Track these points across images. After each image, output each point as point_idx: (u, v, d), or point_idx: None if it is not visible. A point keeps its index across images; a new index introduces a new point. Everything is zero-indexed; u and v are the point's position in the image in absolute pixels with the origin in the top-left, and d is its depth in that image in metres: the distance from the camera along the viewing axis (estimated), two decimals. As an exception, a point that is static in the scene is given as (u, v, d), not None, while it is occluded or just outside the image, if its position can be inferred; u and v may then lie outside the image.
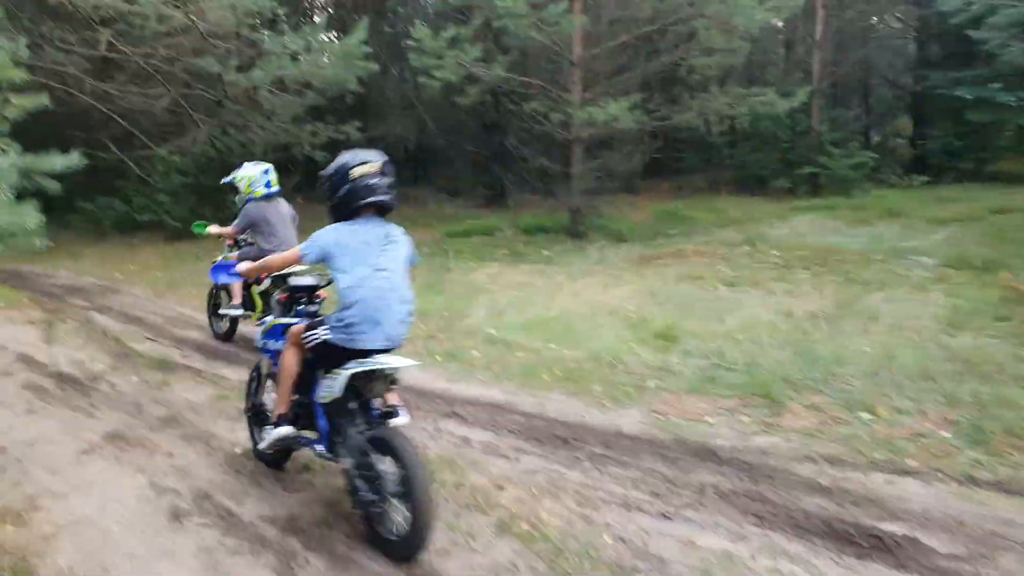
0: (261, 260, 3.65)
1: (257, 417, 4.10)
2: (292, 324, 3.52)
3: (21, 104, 4.01)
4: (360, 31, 10.73)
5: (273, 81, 11.29)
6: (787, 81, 18.47)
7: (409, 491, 2.88)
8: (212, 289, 6.90)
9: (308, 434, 3.57)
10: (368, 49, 10.99)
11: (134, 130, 13.34)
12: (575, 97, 11.69)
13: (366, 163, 3.22)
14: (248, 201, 6.12)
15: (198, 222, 6.76)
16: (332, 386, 3.22)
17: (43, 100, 4.20)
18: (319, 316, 3.51)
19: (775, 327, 6.56)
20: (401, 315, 3.26)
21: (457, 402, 5.19)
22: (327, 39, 11.31)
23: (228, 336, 6.81)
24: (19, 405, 5.26)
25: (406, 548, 2.95)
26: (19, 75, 3.75)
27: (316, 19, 19.23)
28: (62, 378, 5.88)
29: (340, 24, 15.11)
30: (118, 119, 13.00)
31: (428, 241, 12.45)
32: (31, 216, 2.88)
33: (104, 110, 12.85)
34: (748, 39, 11.71)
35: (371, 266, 3.17)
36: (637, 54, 14.11)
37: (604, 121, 10.58)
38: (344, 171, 3.22)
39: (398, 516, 2.96)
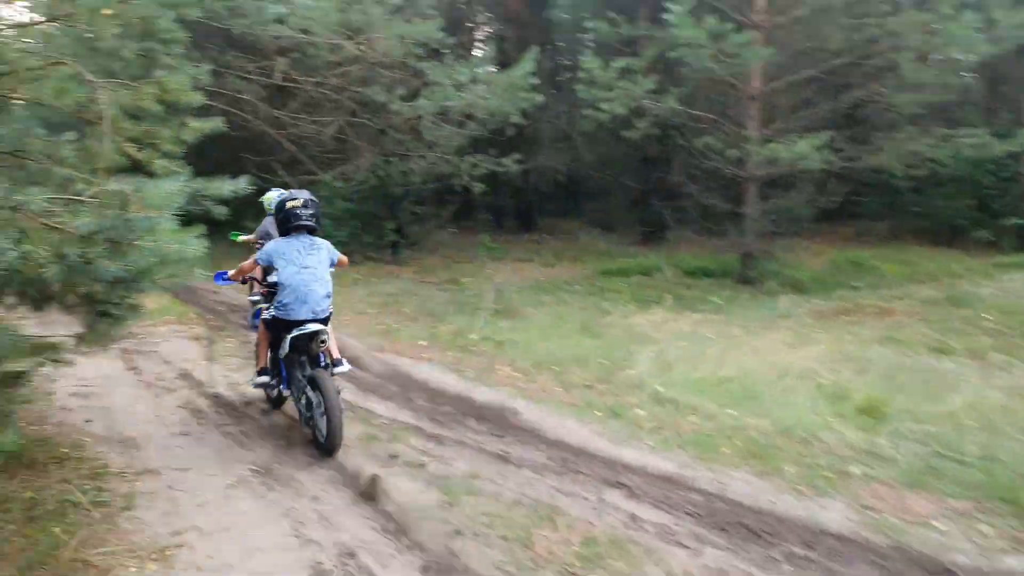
0: (239, 266, 5.23)
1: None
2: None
3: (197, 127, 4.02)
4: (527, 62, 10.65)
5: (437, 111, 11.45)
6: (993, 121, 16.48)
7: (327, 412, 4.50)
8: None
9: (276, 380, 5.18)
10: (535, 80, 10.87)
11: (302, 156, 14.08)
12: (752, 133, 10.92)
13: (296, 199, 4.80)
14: (268, 216, 7.11)
15: (234, 231, 7.60)
16: (284, 346, 4.78)
17: (219, 124, 4.22)
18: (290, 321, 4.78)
19: (1012, 411, 5.48)
20: (321, 297, 4.80)
21: (622, 469, 4.65)
22: (493, 70, 11.30)
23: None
24: (176, 426, 5.33)
25: (328, 447, 4.59)
26: (197, 99, 3.75)
27: (479, 51, 19.68)
28: (218, 400, 5.94)
29: (502, 56, 15.25)
30: (287, 145, 13.76)
31: (580, 278, 12.04)
32: (192, 245, 2.75)
33: (275, 135, 13.66)
34: (963, 74, 10.42)
35: (299, 265, 4.71)
36: (823, 89, 13.07)
37: (789, 160, 9.74)
38: (282, 205, 4.80)
39: (323, 426, 4.58)
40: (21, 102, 3.31)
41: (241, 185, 3.77)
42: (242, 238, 7.81)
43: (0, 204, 2.14)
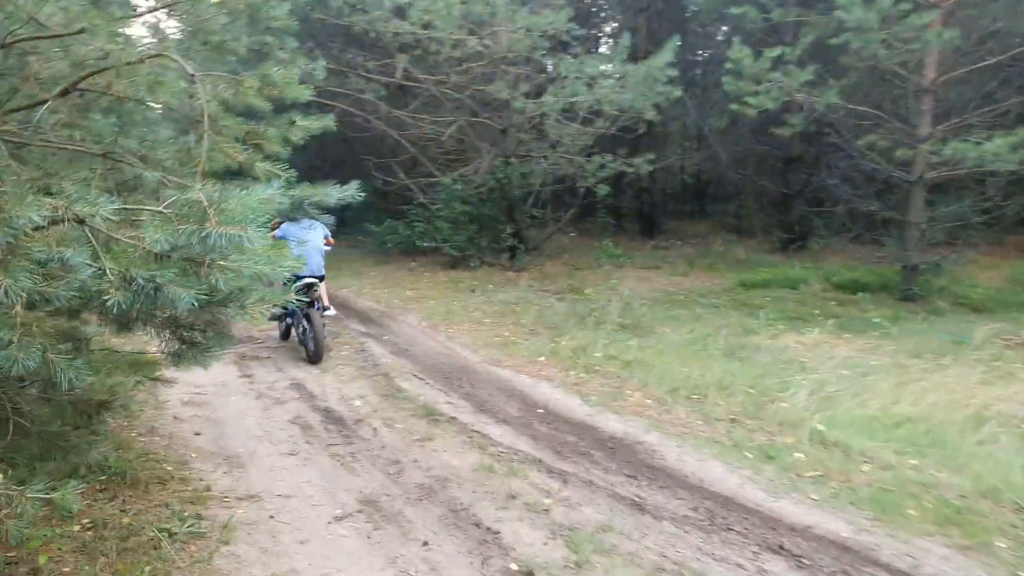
0: None
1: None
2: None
3: (306, 126, 3.71)
4: (666, 52, 9.97)
5: (562, 108, 10.98)
6: None
7: (315, 337, 7.03)
8: None
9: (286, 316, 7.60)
10: (672, 72, 10.17)
11: (421, 157, 14.03)
12: (924, 130, 9.70)
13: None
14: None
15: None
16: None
17: (330, 123, 3.90)
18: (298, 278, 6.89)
19: None
20: (317, 262, 7.25)
21: (783, 528, 3.96)
22: (625, 63, 10.68)
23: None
24: (284, 443, 5.11)
25: (313, 359, 7.11)
26: (304, 93, 3.43)
27: (607, 44, 19.06)
28: (328, 415, 5.72)
29: (633, 48, 14.58)
30: (407, 145, 13.75)
31: (716, 290, 11.18)
32: (287, 264, 2.39)
33: (396, 136, 13.67)
34: None
35: (301, 240, 7.02)
36: (1006, 79, 11.54)
37: (975, 160, 8.51)
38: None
39: (311, 347, 7.10)
40: (116, 97, 3.09)
41: (350, 192, 3.41)
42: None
43: (62, 215, 1.84)
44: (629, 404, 6.01)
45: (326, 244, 7.63)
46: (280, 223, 7.59)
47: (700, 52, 20.77)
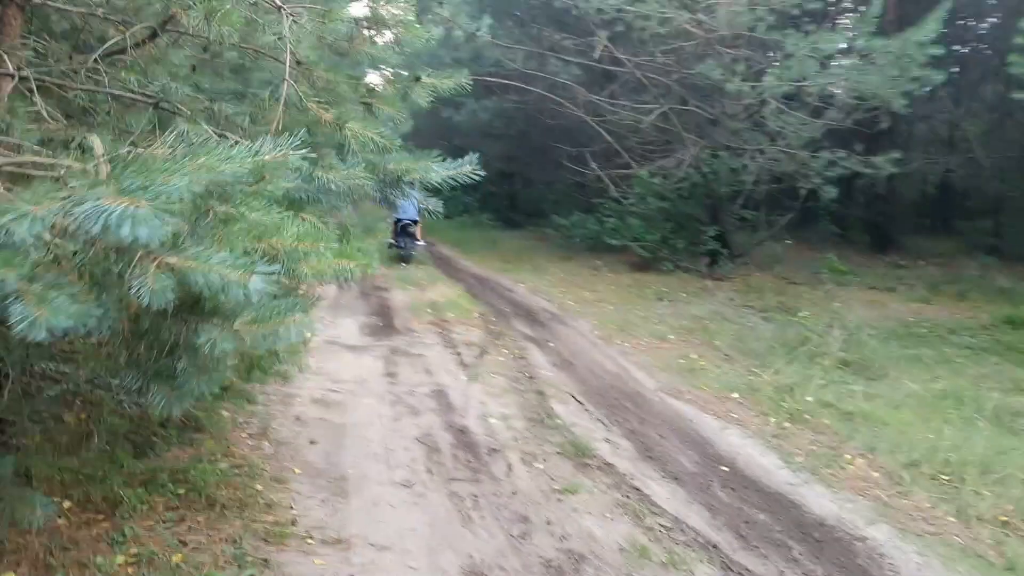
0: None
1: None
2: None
3: (433, 83, 2.86)
4: (930, 24, 7.99)
5: (786, 94, 9.32)
6: None
7: (406, 252, 12.55)
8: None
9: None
10: (936, 51, 8.17)
11: (618, 147, 12.91)
12: None
13: None
14: None
15: None
16: (398, 228, 12.53)
17: (462, 79, 3.04)
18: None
19: None
20: (412, 211, 11.31)
21: None
22: (872, 38, 8.75)
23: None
24: (402, 469, 4.32)
25: (406, 260, 12.46)
26: (424, 35, 2.61)
27: (847, 17, 16.58)
28: (461, 438, 4.87)
29: (877, 24, 12.33)
30: (604, 134, 12.69)
31: (972, 325, 8.96)
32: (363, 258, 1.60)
33: (592, 124, 12.66)
34: None
35: (402, 206, 9.03)
36: None
37: None
38: None
39: (406, 257, 12.55)
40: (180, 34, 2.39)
41: (465, 169, 2.49)
42: None
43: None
44: (848, 475, 4.56)
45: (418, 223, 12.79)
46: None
47: (967, 21, 17.27)
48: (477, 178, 2.61)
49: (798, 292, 10.56)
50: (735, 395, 5.99)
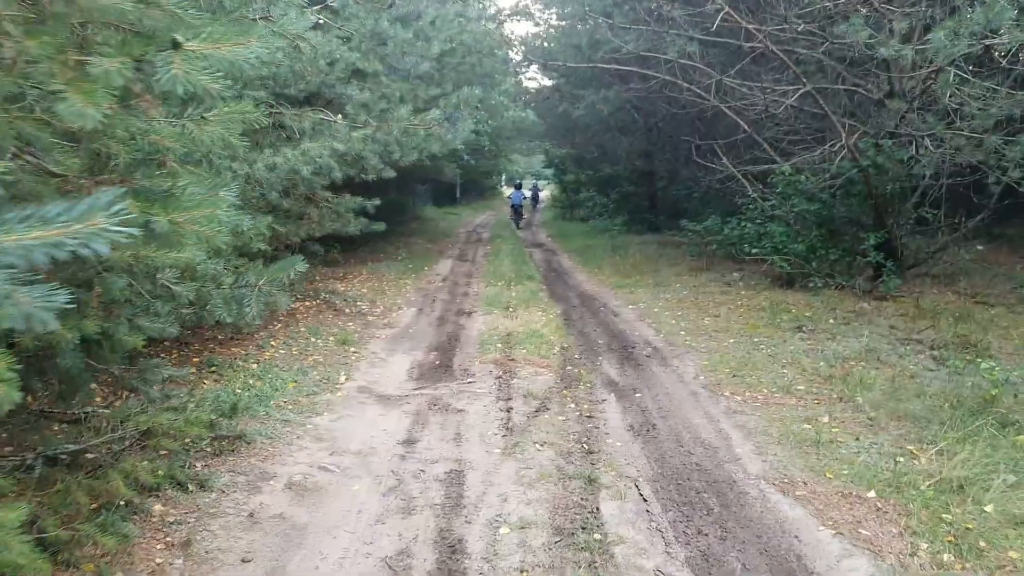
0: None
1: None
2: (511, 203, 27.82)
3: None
4: None
5: (967, 55, 7.14)
6: None
7: (518, 223, 26.78)
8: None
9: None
10: None
11: (757, 136, 11.00)
12: None
13: (516, 181, 33.13)
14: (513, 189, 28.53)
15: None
16: (511, 211, 27.38)
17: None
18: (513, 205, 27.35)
19: None
20: (518, 198, 27.30)
21: None
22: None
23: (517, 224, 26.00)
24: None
25: (517, 224, 26.68)
26: None
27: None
28: (449, 563, 3.57)
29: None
30: (740, 122, 10.84)
31: None
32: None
33: (725, 111, 10.86)
34: None
35: (517, 194, 27.71)
36: None
37: None
38: (513, 181, 36.79)
39: (519, 223, 26.87)
40: None
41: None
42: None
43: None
44: None
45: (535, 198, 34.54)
46: (516, 187, 28.76)
47: None
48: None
49: (988, 319, 8.24)
50: (871, 493, 4.23)
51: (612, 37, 11.53)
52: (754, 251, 11.77)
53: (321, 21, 6.64)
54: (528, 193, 33.46)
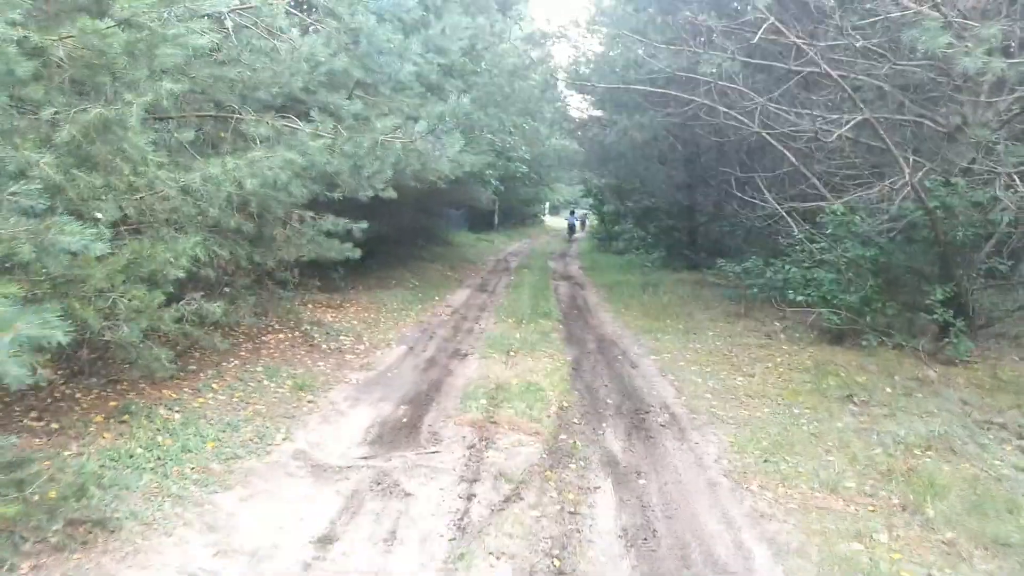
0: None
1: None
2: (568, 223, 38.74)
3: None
4: None
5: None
6: None
7: (569, 238, 36.60)
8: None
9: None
10: None
11: (805, 170, 9.64)
12: None
13: (569, 211, 44.46)
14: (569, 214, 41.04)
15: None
16: (565, 231, 38.36)
17: None
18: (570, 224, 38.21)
19: None
20: (574, 224, 38.40)
21: None
22: None
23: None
24: None
25: (570, 241, 35.73)
26: None
27: None
28: None
29: None
30: (786, 153, 9.50)
31: None
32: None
33: (769, 140, 9.53)
34: None
35: (572, 217, 40.07)
36: None
37: None
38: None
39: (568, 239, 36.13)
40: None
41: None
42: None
43: None
44: None
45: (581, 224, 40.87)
46: (571, 213, 41.43)
47: None
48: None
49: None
50: None
51: (646, 57, 10.34)
52: (799, 299, 10.32)
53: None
54: (578, 221, 40.29)
